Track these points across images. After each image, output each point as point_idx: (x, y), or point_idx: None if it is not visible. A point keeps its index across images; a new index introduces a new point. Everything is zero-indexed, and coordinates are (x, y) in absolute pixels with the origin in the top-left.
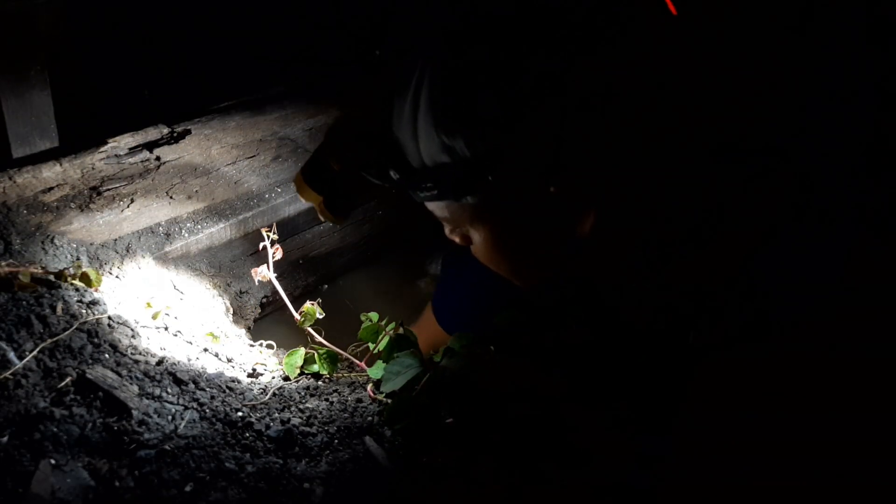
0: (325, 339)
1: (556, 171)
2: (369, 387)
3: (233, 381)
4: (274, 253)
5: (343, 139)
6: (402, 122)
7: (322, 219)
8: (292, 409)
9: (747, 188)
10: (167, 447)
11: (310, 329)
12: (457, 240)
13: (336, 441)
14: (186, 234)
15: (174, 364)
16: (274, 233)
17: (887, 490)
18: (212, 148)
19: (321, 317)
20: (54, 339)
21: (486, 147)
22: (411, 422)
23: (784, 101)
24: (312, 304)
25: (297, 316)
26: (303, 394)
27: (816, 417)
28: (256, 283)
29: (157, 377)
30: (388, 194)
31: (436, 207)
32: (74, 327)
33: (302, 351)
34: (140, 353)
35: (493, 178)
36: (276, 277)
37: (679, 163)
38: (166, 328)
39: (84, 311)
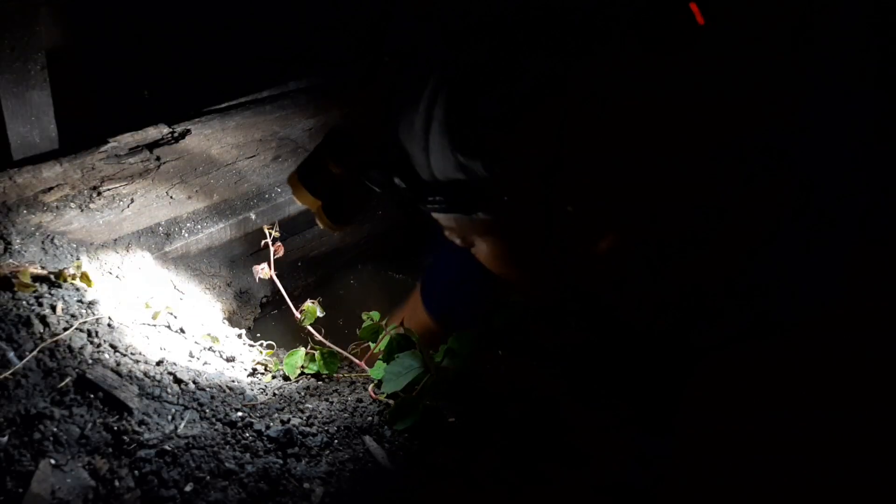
0: (325, 338)
1: (555, 174)
2: (370, 387)
3: (233, 381)
4: (275, 251)
5: (344, 141)
6: (413, 135)
7: (320, 225)
8: (292, 409)
9: (747, 188)
10: (167, 447)
11: (310, 328)
12: (457, 241)
13: (336, 441)
14: (186, 234)
15: (174, 364)
16: (276, 230)
17: (887, 490)
18: (212, 148)
19: (322, 315)
20: (54, 339)
21: (504, 166)
22: (415, 422)
23: (784, 102)
24: (313, 303)
25: (297, 314)
26: (303, 394)
27: (816, 417)
28: (257, 281)
29: (157, 377)
30: (391, 201)
31: (442, 217)
32: (74, 327)
33: (302, 351)
34: (140, 353)
35: (508, 198)
36: (277, 276)
37: (679, 163)
38: (167, 327)
39: (84, 311)
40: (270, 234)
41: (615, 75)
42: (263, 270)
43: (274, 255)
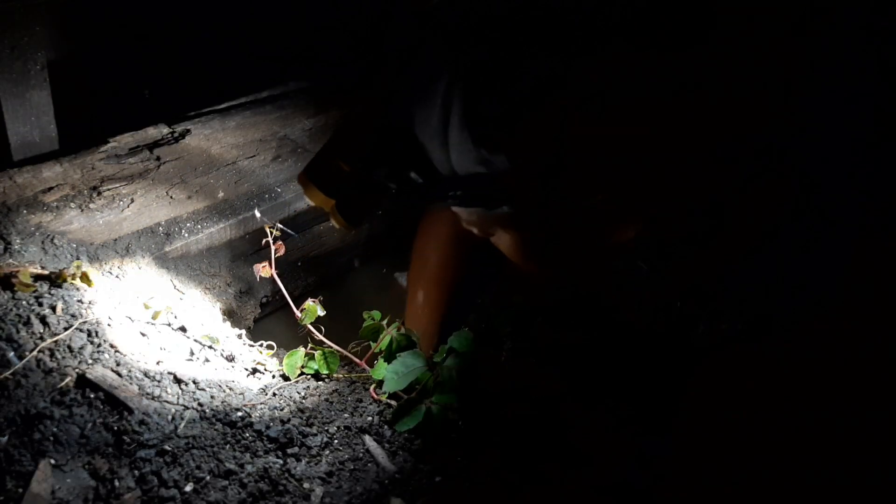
0: (325, 337)
1: (555, 174)
2: (371, 387)
3: (233, 381)
4: (276, 249)
5: (354, 138)
6: (430, 130)
7: (335, 225)
8: (292, 408)
9: (747, 188)
10: (167, 447)
11: (310, 327)
12: (475, 231)
13: (336, 441)
14: (186, 234)
15: (174, 364)
16: (276, 230)
17: (886, 489)
18: (212, 148)
19: (322, 314)
20: (54, 338)
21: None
22: (417, 423)
23: (784, 102)
24: (313, 302)
25: (297, 314)
26: (303, 394)
27: (815, 416)
28: (258, 280)
29: (157, 377)
30: (403, 197)
31: (462, 211)
32: (74, 327)
33: (302, 351)
34: (140, 353)
35: (540, 191)
36: (277, 275)
37: (679, 163)
38: (167, 327)
39: (84, 311)
40: (271, 233)
41: (616, 75)
42: (264, 268)
43: (275, 254)
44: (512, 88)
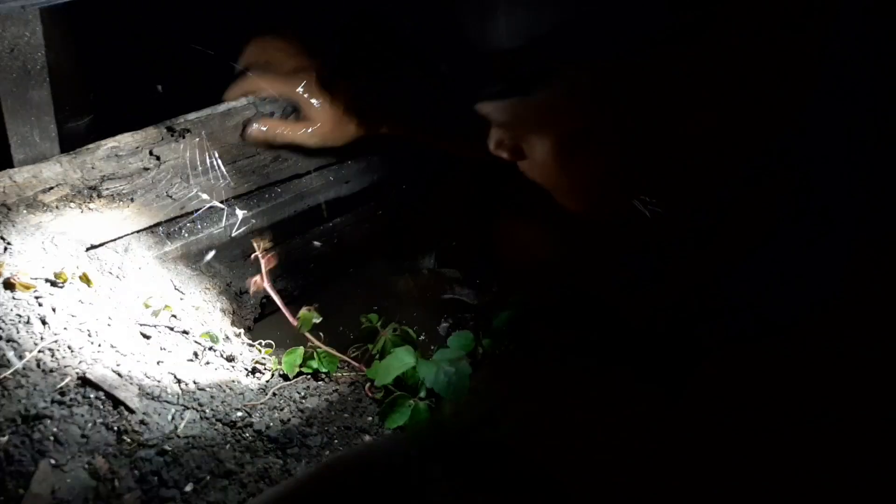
0: (325, 338)
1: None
2: (366, 386)
3: (233, 381)
4: (267, 261)
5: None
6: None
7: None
8: (292, 408)
9: (747, 188)
10: (167, 447)
11: (308, 334)
12: (504, 155)
13: (336, 441)
14: (186, 234)
15: (174, 364)
16: (268, 241)
17: (887, 489)
18: (212, 148)
19: (318, 321)
20: (54, 338)
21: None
22: (406, 421)
23: (784, 100)
24: (309, 310)
25: (293, 321)
26: (303, 394)
27: (816, 416)
28: (251, 292)
29: (158, 377)
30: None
31: (498, 109)
32: (74, 327)
33: (301, 350)
34: (140, 353)
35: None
36: (274, 280)
37: (679, 163)
38: (167, 327)
39: (84, 311)
40: (259, 246)
41: (619, 71)
42: (256, 283)
43: (267, 266)
44: (513, 84)
